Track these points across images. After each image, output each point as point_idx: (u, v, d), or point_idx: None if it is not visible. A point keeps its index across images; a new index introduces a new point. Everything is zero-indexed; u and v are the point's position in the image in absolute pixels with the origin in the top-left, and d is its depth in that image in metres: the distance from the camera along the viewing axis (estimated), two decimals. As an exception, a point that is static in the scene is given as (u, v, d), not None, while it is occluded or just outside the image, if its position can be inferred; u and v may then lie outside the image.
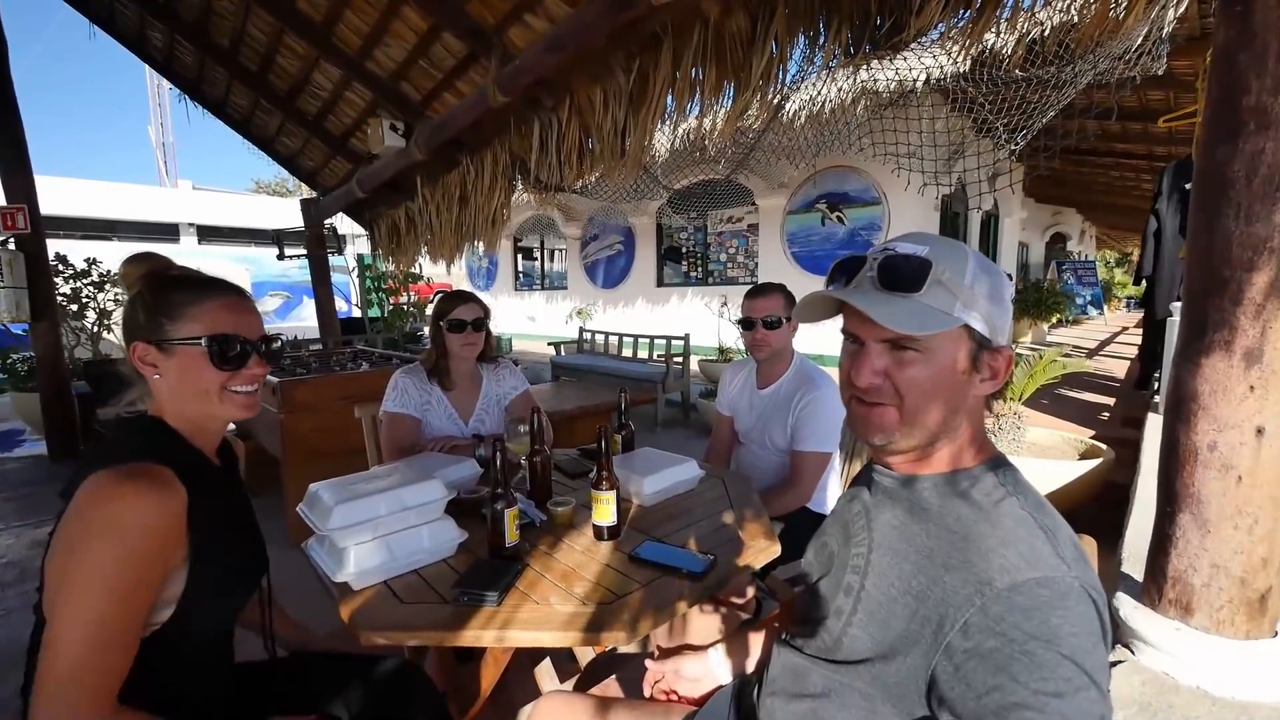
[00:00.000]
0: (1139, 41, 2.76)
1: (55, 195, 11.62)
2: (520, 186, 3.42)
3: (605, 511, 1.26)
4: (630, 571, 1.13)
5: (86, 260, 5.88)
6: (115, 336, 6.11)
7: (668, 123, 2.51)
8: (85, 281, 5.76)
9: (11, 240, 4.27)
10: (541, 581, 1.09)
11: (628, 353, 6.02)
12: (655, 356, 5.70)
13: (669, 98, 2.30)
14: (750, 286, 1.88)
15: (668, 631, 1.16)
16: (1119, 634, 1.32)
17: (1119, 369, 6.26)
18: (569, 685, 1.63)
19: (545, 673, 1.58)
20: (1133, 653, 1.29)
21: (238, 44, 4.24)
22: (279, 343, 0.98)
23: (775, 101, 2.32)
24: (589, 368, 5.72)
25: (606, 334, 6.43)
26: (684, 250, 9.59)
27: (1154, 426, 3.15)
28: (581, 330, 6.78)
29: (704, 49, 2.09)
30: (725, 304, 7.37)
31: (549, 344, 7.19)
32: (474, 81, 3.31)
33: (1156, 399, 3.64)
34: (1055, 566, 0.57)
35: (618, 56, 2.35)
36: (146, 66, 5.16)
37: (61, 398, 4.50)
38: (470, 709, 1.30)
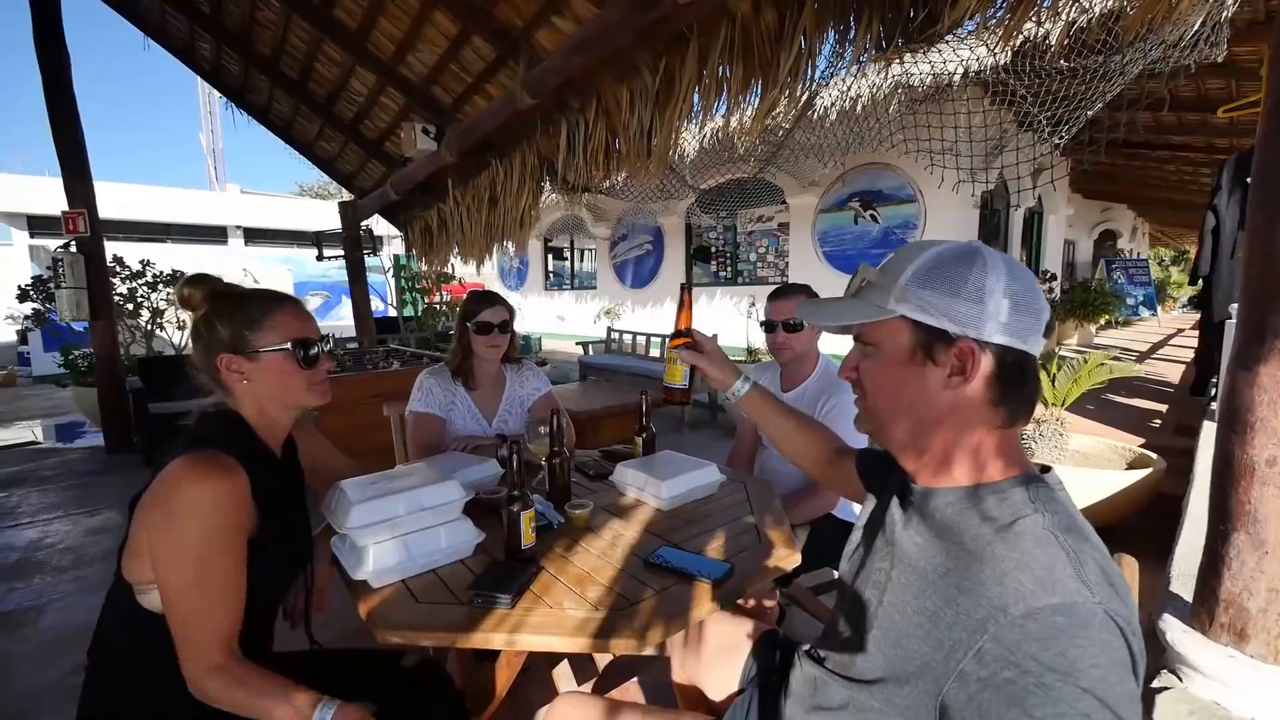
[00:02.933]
0: (1196, 27, 2.60)
1: (114, 200, 12.27)
2: (548, 187, 3.45)
3: (678, 372, 1.17)
4: (646, 577, 1.12)
5: (141, 262, 6.19)
6: (167, 335, 6.42)
7: (694, 122, 2.48)
8: (140, 282, 6.07)
9: (73, 243, 4.52)
10: (555, 585, 1.09)
11: (656, 353, 6.00)
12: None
13: (695, 96, 2.27)
14: (778, 285, 1.85)
15: (684, 639, 1.14)
16: (1166, 659, 1.24)
17: (1173, 373, 5.93)
18: (587, 687, 1.63)
19: (563, 674, 1.59)
20: (1180, 680, 1.21)
21: (279, 53, 4.40)
22: (331, 339, 1.09)
23: (804, 98, 2.27)
24: (617, 368, 5.73)
25: (635, 334, 6.43)
26: (713, 250, 9.51)
27: (1209, 435, 2.97)
28: (610, 330, 6.80)
29: (731, 46, 2.06)
30: (754, 304, 7.29)
31: (577, 344, 7.24)
32: (502, 84, 3.36)
33: (1213, 406, 3.44)
34: (1075, 592, 0.53)
35: (644, 56, 2.33)
36: (197, 76, 5.40)
37: (117, 393, 4.75)
38: (487, 708, 1.31)
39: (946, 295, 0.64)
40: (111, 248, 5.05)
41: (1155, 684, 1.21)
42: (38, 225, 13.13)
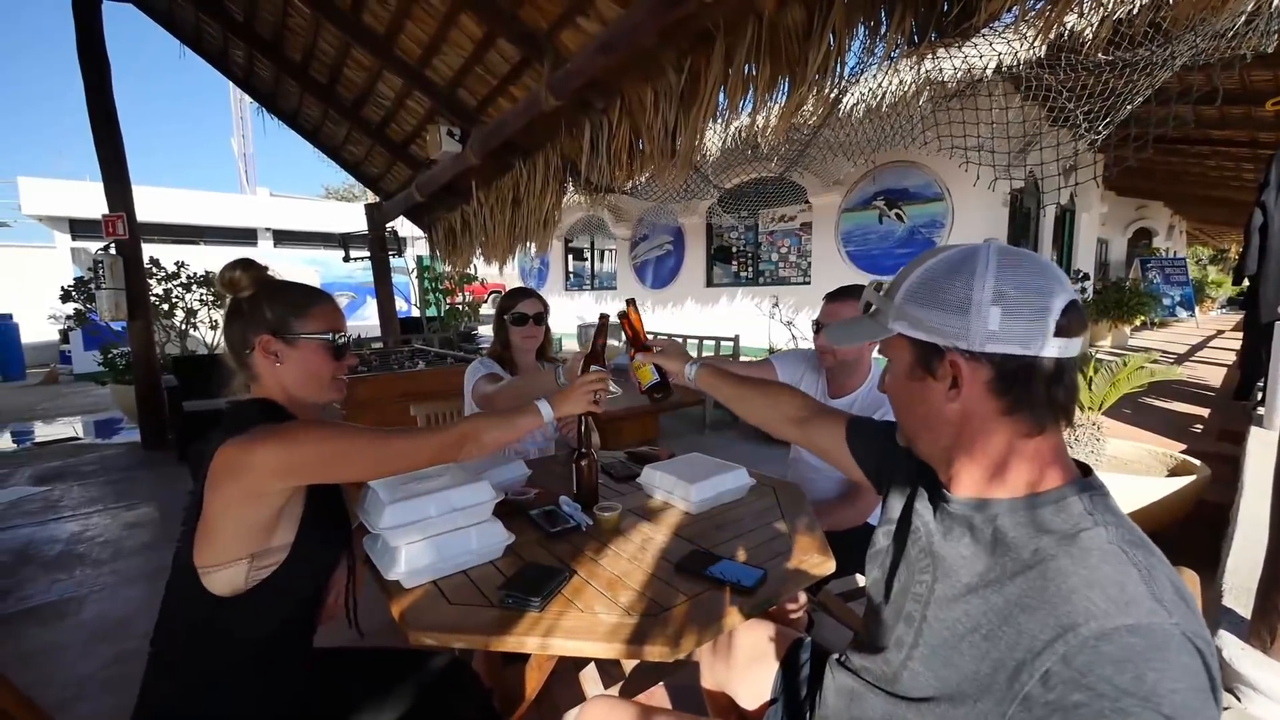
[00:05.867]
0: (1243, 18, 2.49)
1: (150, 203, 12.64)
2: (571, 188, 3.45)
3: (646, 372, 1.30)
4: (677, 582, 1.10)
5: (176, 263, 6.37)
6: (201, 334, 6.59)
7: (719, 121, 2.45)
8: (175, 283, 6.24)
9: (112, 245, 4.67)
10: (587, 589, 1.08)
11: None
12: (703, 357, 5.63)
13: (721, 95, 2.25)
14: (800, 285, 1.81)
15: (713, 646, 1.12)
16: (1223, 677, 1.19)
17: (1213, 376, 5.72)
18: (614, 690, 1.62)
19: (589, 677, 1.58)
20: (1239, 699, 1.15)
21: (309, 58, 4.48)
22: (354, 339, 1.09)
23: (832, 96, 2.23)
24: (637, 368, 5.71)
25: (655, 334, 6.40)
26: (734, 250, 9.45)
27: (1257, 441, 2.86)
28: (630, 331, 6.78)
29: (757, 44, 2.03)
30: (776, 305, 7.21)
31: (598, 344, 7.23)
32: (527, 86, 3.37)
33: (1259, 410, 3.30)
34: (1152, 611, 0.50)
35: (669, 55, 2.32)
36: (229, 82, 5.53)
37: (153, 390, 4.88)
38: (515, 709, 1.30)
39: (933, 309, 0.64)
40: (147, 250, 5.19)
41: (1210, 703, 1.16)
42: (79, 228, 13.58)
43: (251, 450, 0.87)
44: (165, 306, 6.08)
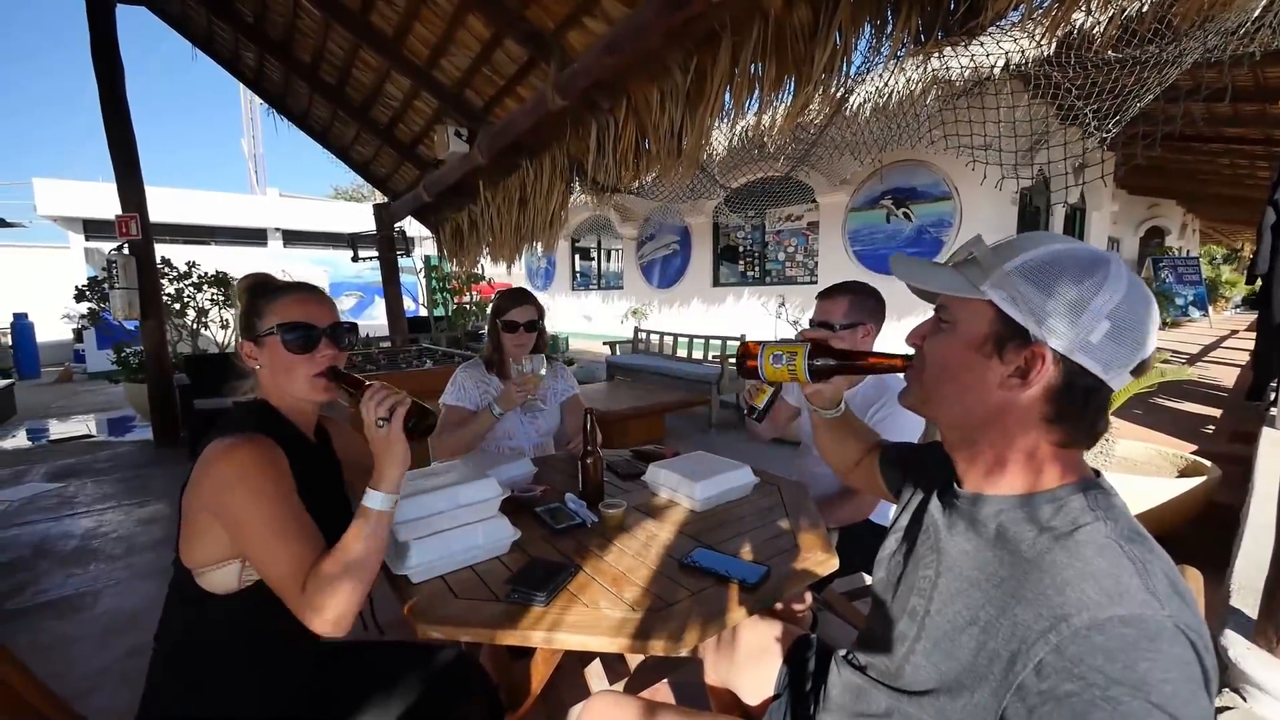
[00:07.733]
0: (1257, 13, 2.47)
1: (161, 204, 12.79)
2: (578, 188, 3.47)
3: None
4: (681, 578, 1.11)
5: (188, 263, 6.44)
6: (212, 333, 6.67)
7: (725, 121, 2.46)
8: (186, 283, 6.31)
9: (125, 245, 4.73)
10: (592, 584, 1.10)
11: (683, 353, 5.98)
12: (710, 357, 5.64)
13: (727, 95, 2.26)
14: (806, 285, 1.81)
15: (717, 642, 1.13)
16: (1228, 677, 1.18)
17: (1226, 377, 5.66)
18: (619, 686, 1.64)
19: (594, 673, 1.59)
20: (1244, 699, 1.15)
21: (318, 60, 4.52)
22: (352, 329, 1.11)
23: (838, 95, 2.23)
24: (644, 368, 5.73)
25: (661, 334, 6.42)
26: (741, 249, 9.45)
27: (1269, 442, 2.83)
28: (637, 330, 6.80)
29: (764, 43, 2.03)
30: (783, 304, 7.20)
31: (604, 344, 7.27)
32: (533, 86, 3.38)
33: (1272, 411, 3.27)
34: (1145, 603, 0.51)
35: (675, 55, 2.33)
36: (240, 84, 5.60)
37: (166, 389, 4.94)
38: (521, 704, 1.32)
39: (1045, 294, 0.60)
40: (159, 250, 5.24)
41: (1216, 703, 1.15)
42: (92, 229, 13.75)
43: (212, 463, 0.89)
44: (177, 306, 6.16)
